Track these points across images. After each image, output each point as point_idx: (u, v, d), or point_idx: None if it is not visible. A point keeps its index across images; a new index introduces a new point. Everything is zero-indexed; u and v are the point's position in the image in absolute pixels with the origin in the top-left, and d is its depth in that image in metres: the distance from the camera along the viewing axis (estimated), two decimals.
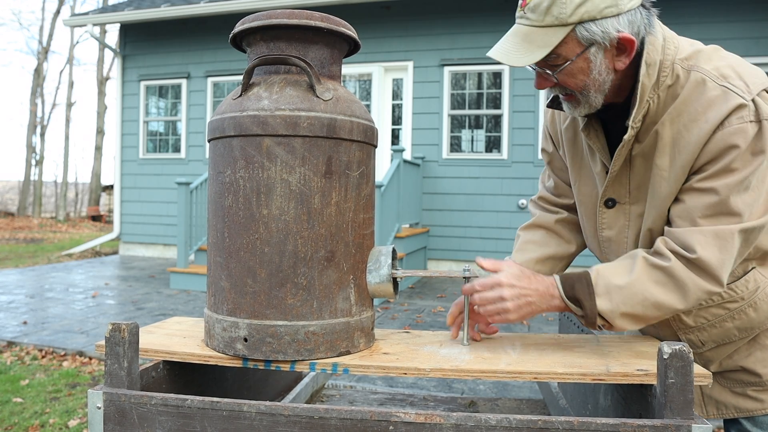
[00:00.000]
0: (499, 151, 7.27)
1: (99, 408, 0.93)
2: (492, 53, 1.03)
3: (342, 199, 1.04)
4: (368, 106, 7.58)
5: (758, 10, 6.44)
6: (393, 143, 7.85)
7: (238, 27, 1.08)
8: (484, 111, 7.36)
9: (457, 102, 7.49)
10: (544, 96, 1.38)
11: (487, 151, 7.38)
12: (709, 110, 0.98)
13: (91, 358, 3.95)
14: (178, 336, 1.19)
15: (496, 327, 1.20)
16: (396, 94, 7.86)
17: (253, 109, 1.01)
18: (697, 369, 0.96)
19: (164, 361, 1.11)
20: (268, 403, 0.87)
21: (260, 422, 0.86)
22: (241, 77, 1.20)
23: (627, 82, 1.06)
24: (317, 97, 1.02)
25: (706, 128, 0.98)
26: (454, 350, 1.11)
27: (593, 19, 0.96)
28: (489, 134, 7.40)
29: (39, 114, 23.68)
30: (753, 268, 1.10)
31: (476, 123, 7.50)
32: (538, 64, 1.03)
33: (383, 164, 7.60)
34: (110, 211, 19.44)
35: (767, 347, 1.12)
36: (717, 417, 1.17)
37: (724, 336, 1.12)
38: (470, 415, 0.83)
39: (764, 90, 0.98)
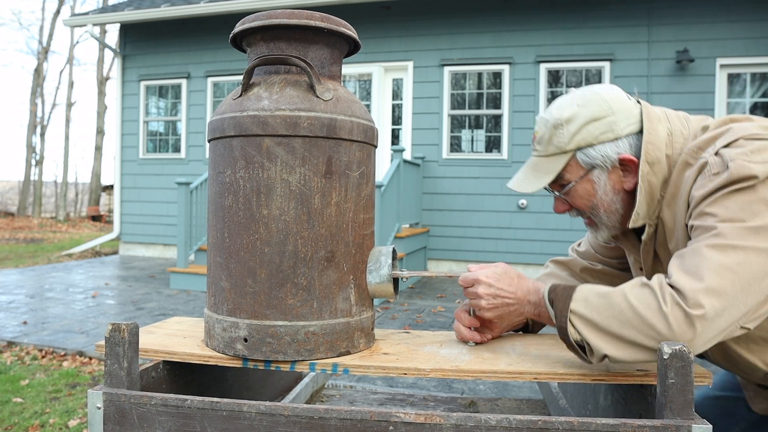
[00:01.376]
0: (499, 151, 7.27)
1: (99, 408, 0.93)
2: (510, 183, 1.15)
3: (342, 200, 1.04)
4: (368, 106, 7.58)
5: (758, 10, 6.44)
6: (393, 143, 7.85)
7: (238, 27, 1.08)
8: (484, 111, 7.37)
9: (457, 102, 7.49)
10: (544, 103, 1.40)
11: (487, 151, 7.38)
12: (687, 183, 1.01)
13: (91, 358, 3.95)
14: (178, 336, 1.19)
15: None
16: (396, 94, 7.86)
17: (253, 109, 1.01)
18: (697, 369, 0.96)
19: (164, 361, 1.11)
20: (268, 403, 0.87)
21: (260, 422, 0.86)
22: (241, 77, 1.20)
23: None
24: (317, 97, 1.02)
25: (685, 197, 1.00)
26: (454, 350, 1.11)
27: (590, 145, 1.06)
28: (489, 134, 7.40)
29: (39, 114, 23.68)
30: None
31: (476, 123, 7.50)
32: (552, 188, 1.13)
33: (383, 164, 7.60)
34: (110, 211, 19.44)
35: None
36: None
37: None
38: (470, 416, 0.82)
39: (741, 138, 0.96)
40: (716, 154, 0.96)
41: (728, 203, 0.91)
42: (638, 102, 1.09)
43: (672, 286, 0.89)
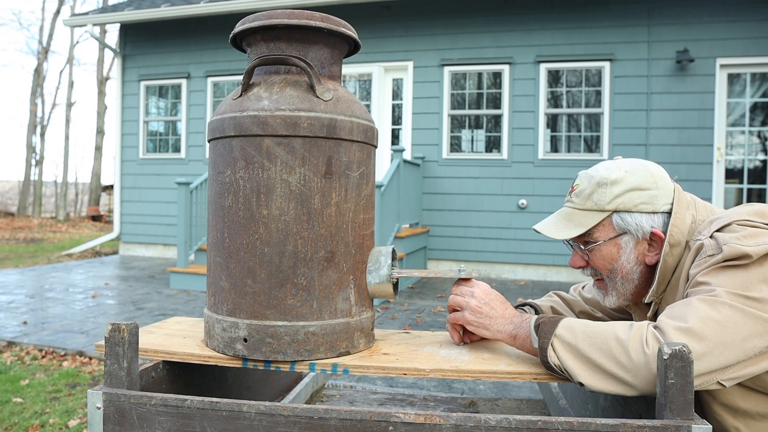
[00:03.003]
0: (499, 151, 7.27)
1: (99, 408, 0.93)
2: (537, 226, 1.18)
3: (342, 200, 1.04)
4: (368, 106, 7.58)
5: (758, 10, 6.44)
6: (393, 143, 7.85)
7: (239, 27, 1.08)
8: (484, 111, 7.36)
9: (457, 102, 7.49)
10: (543, 103, 1.44)
11: (487, 151, 7.38)
12: (686, 264, 1.07)
13: (91, 358, 3.95)
14: (178, 336, 1.19)
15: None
16: (396, 94, 7.86)
17: (253, 109, 1.01)
18: None
19: (164, 362, 1.11)
20: (267, 403, 0.87)
21: (260, 422, 0.86)
22: (241, 77, 1.20)
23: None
24: (317, 97, 1.02)
25: (684, 277, 1.06)
26: (453, 351, 1.11)
27: (628, 211, 1.10)
28: (489, 134, 7.40)
29: (39, 114, 23.68)
30: None
31: (476, 123, 7.50)
32: (576, 240, 1.16)
33: (383, 164, 7.60)
34: (110, 211, 19.44)
35: None
36: None
37: None
38: (470, 416, 0.82)
39: (734, 223, 1.01)
40: (711, 237, 1.01)
41: (722, 276, 0.96)
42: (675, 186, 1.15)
43: (656, 327, 0.92)
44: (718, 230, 1.02)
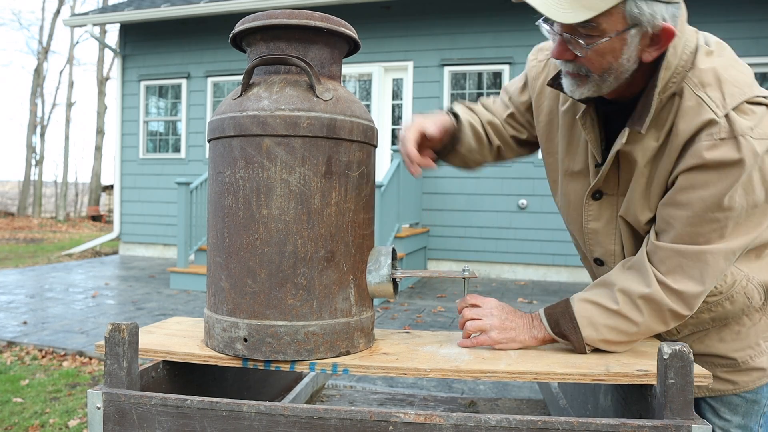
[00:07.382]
0: None
1: (99, 408, 0.93)
2: (537, 4, 0.94)
3: (342, 200, 1.04)
4: (368, 106, 7.58)
5: (758, 10, 6.44)
6: (393, 143, 7.85)
7: (238, 27, 1.08)
8: None
9: None
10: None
11: None
12: (681, 121, 0.96)
13: (91, 358, 3.95)
14: (178, 336, 1.19)
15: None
16: (396, 94, 7.86)
17: (253, 109, 1.01)
18: (697, 369, 0.96)
19: (164, 362, 1.11)
20: (267, 403, 0.87)
21: (260, 422, 0.86)
22: (241, 77, 1.20)
23: (641, 79, 1.00)
24: (317, 97, 1.02)
25: (678, 141, 0.97)
26: (453, 350, 1.11)
27: None
28: None
29: (39, 114, 23.68)
30: None
31: None
32: (571, 31, 0.95)
33: (383, 164, 7.60)
34: (110, 211, 19.44)
35: (737, 332, 1.15)
36: None
37: (698, 324, 1.16)
38: (470, 416, 0.82)
39: (746, 102, 0.93)
40: (726, 116, 0.93)
41: (734, 193, 0.93)
42: None
43: (675, 292, 0.98)
44: (733, 108, 0.93)
